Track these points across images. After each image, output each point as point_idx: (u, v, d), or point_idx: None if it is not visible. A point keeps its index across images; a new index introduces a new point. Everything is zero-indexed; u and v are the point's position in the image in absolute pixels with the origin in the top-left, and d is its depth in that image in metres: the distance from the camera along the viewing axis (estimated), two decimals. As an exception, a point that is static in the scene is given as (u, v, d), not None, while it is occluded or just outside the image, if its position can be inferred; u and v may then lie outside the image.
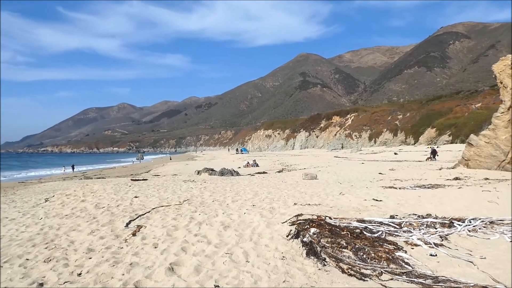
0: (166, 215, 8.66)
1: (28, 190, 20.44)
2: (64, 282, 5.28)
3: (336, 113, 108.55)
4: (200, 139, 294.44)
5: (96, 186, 13.98)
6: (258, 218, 7.88)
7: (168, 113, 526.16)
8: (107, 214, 9.31)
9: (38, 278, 5.50)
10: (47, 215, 10.04)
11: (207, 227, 7.46)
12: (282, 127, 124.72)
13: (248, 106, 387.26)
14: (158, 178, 21.78)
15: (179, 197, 11.28)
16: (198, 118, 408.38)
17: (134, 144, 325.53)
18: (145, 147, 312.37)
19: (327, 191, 12.00)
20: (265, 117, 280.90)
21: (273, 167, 33.27)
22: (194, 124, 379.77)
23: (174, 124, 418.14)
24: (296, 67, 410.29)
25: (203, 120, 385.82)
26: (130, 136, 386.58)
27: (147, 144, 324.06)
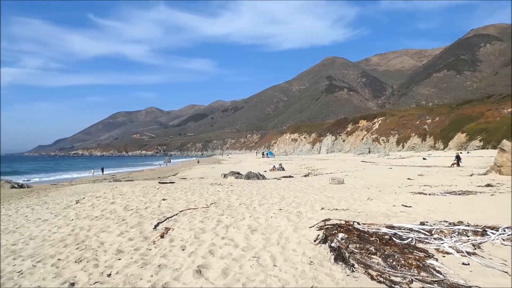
0: (193, 218, 8.72)
1: (60, 192, 20.98)
2: (94, 282, 5.38)
3: (363, 117, 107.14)
4: (226, 143, 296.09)
5: (125, 188, 14.22)
6: (285, 222, 7.84)
7: (194, 117, 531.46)
8: (136, 216, 9.45)
9: (70, 278, 5.62)
10: (78, 217, 10.28)
11: (234, 230, 7.46)
12: (308, 131, 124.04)
13: (274, 110, 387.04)
14: (185, 181, 22.00)
15: (206, 200, 11.35)
16: (224, 122, 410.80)
17: (162, 148, 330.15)
18: (172, 151, 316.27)
19: (355, 196, 11.84)
20: (291, 121, 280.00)
21: (299, 171, 33.09)
22: (220, 128, 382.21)
23: (201, 128, 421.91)
24: (322, 71, 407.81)
25: (229, 124, 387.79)
26: (158, 139, 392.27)
27: (174, 147, 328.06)
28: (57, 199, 16.36)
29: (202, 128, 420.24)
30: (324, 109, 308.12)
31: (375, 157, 62.33)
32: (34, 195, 20.99)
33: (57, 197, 17.75)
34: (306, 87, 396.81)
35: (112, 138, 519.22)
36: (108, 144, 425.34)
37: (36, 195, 20.87)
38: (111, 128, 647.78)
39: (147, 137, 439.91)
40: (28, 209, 13.67)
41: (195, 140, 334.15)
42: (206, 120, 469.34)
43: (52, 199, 16.77)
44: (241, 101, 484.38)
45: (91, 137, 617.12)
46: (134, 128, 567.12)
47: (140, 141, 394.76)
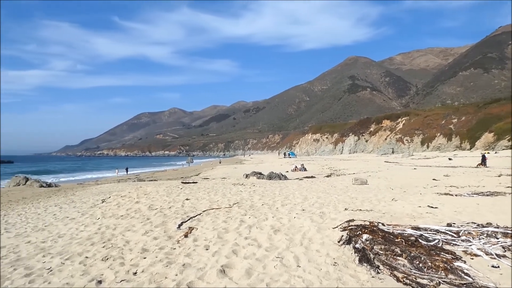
0: (216, 218, 8.77)
1: (86, 192, 21.41)
2: (120, 280, 5.47)
3: (387, 117, 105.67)
4: (248, 143, 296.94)
5: (149, 188, 14.41)
6: (309, 222, 7.80)
7: (217, 118, 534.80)
8: (160, 215, 9.56)
9: (97, 275, 5.72)
10: (104, 215, 10.47)
11: (257, 230, 7.47)
12: (331, 131, 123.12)
13: (296, 110, 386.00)
14: (207, 181, 22.14)
15: (229, 200, 11.40)
16: (246, 122, 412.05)
17: (184, 148, 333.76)
18: (195, 151, 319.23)
19: (379, 197, 11.68)
20: (313, 121, 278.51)
21: (322, 172, 32.87)
22: (242, 128, 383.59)
23: (223, 128, 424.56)
24: (345, 71, 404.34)
25: (251, 124, 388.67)
26: (181, 140, 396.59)
27: (196, 147, 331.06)
28: (84, 198, 16.71)
29: (224, 128, 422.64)
30: (346, 109, 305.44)
31: (399, 158, 61.40)
32: (62, 194, 21.49)
33: (84, 196, 18.13)
34: (328, 87, 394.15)
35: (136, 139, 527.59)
36: (132, 144, 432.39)
37: (63, 194, 21.36)
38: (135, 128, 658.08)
39: (170, 137, 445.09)
40: (56, 207, 14.01)
41: (217, 141, 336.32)
42: (228, 120, 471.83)
43: (79, 198, 17.13)
44: (263, 102, 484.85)
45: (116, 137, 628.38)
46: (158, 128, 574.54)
47: (163, 142, 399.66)
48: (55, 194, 21.98)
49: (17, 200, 19.38)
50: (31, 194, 22.48)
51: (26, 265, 6.59)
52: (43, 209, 14.11)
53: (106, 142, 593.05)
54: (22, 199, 19.77)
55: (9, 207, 16.36)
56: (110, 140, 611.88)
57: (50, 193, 23.02)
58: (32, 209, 14.41)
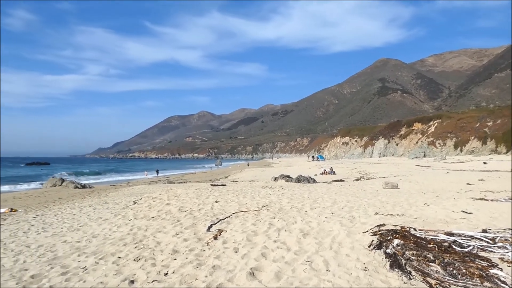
0: (245, 220, 8.81)
1: (119, 193, 21.92)
2: (152, 280, 5.57)
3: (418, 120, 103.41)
4: (276, 146, 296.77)
5: (179, 190, 14.61)
6: (338, 226, 7.72)
7: (245, 121, 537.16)
8: (190, 217, 9.68)
9: (129, 275, 5.85)
10: (135, 217, 10.70)
11: (286, 233, 7.46)
12: (360, 134, 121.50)
13: (325, 113, 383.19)
14: (236, 184, 22.25)
15: (257, 203, 11.42)
16: (274, 125, 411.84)
17: (213, 151, 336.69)
18: (223, 154, 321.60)
19: (410, 201, 11.45)
20: (342, 124, 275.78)
21: (351, 175, 32.48)
22: (270, 131, 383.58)
23: (251, 131, 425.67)
24: (375, 73, 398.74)
25: (279, 127, 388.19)
26: (209, 142, 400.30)
27: (225, 150, 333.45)
28: (116, 199, 17.11)
29: (253, 131, 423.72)
30: (376, 112, 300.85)
31: (430, 161, 59.96)
32: (96, 195, 22.07)
33: (116, 197, 18.56)
34: (358, 89, 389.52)
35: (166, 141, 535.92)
36: (162, 147, 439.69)
37: (97, 195, 21.93)
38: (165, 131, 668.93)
39: (199, 140, 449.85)
40: (91, 208, 14.41)
41: (245, 144, 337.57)
42: (256, 123, 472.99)
43: (111, 199, 17.56)
44: (291, 105, 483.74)
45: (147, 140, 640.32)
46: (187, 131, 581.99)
47: (192, 144, 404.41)
48: (89, 195, 22.60)
49: (54, 201, 20.05)
50: (67, 195, 23.20)
51: (63, 264, 6.81)
52: (78, 209, 14.54)
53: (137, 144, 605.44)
54: (58, 200, 20.44)
55: (47, 207, 16.94)
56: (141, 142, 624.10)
57: (84, 194, 23.69)
58: (68, 210, 14.87)
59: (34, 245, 8.63)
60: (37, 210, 15.65)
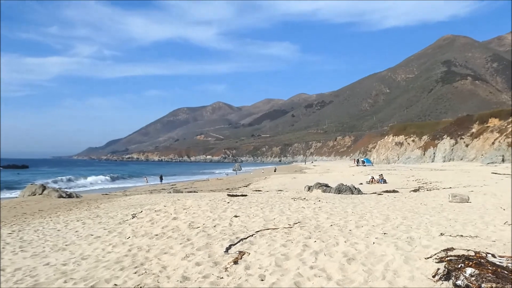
0: (273, 241, 8.78)
1: (113, 204, 22.23)
2: (156, 315, 5.60)
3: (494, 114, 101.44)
4: (311, 147, 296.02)
5: (189, 201, 14.70)
6: (392, 250, 7.62)
7: (271, 114, 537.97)
8: (203, 235, 9.72)
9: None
10: (135, 234, 10.81)
11: (325, 258, 7.40)
12: (418, 132, 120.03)
13: (372, 105, 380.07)
14: (260, 194, 22.29)
15: (288, 218, 11.39)
16: (308, 121, 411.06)
17: (231, 152, 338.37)
18: (243, 156, 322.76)
19: (486, 219, 11.22)
20: (395, 119, 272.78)
21: (406, 185, 32.10)
22: (303, 128, 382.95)
23: (279, 128, 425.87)
24: (438, 54, 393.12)
25: (314, 123, 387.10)
26: (226, 142, 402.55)
27: (245, 152, 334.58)
28: (111, 212, 17.35)
29: (281, 128, 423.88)
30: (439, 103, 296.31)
31: (511, 168, 58.71)
32: (84, 206, 22.45)
33: (110, 209, 18.82)
34: (415, 75, 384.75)
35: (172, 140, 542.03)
36: (167, 147, 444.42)
37: (86, 206, 22.31)
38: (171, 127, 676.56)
39: (213, 138, 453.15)
40: (79, 223, 14.65)
41: (271, 143, 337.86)
42: (285, 118, 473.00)
43: (104, 212, 17.82)
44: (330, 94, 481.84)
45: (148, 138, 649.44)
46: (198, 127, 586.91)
47: (205, 144, 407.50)
48: (76, 206, 23.01)
49: (33, 213, 20.46)
50: (49, 206, 23.66)
51: (45, 292, 6.93)
52: (63, 224, 14.80)
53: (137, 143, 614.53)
54: (39, 212, 20.85)
55: (24, 221, 17.30)
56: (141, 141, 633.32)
57: (70, 205, 24.11)
58: (51, 224, 15.15)
59: (10, 268, 8.80)
60: (12, 225, 15.98)
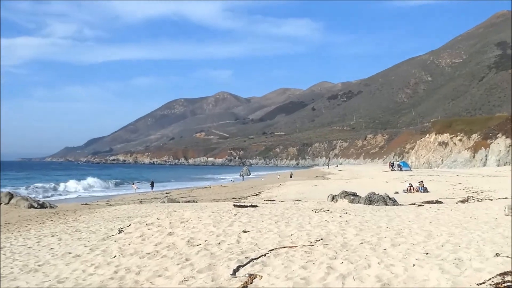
0: (290, 262, 8.77)
1: (95, 216, 22.38)
2: None
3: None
4: (335, 147, 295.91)
5: (187, 213, 14.73)
6: (437, 274, 7.59)
7: (286, 107, 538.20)
8: (205, 254, 9.74)
9: None
10: (122, 253, 10.84)
11: (354, 283, 7.38)
12: (467, 130, 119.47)
13: (411, 96, 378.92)
14: (273, 205, 22.25)
15: (308, 234, 11.38)
16: (332, 115, 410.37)
17: (237, 153, 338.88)
18: (253, 158, 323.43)
19: (553, 237, 11.15)
20: (438, 114, 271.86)
21: (452, 194, 32.00)
22: (325, 124, 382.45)
23: (296, 124, 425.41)
24: (491, 34, 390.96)
25: (340, 118, 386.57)
26: (232, 141, 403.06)
27: (255, 153, 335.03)
28: (92, 225, 17.45)
29: (298, 124, 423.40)
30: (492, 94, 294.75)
31: None
32: (60, 218, 22.63)
33: (92, 222, 18.94)
34: (463, 60, 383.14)
35: (166, 138, 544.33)
36: (160, 147, 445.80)
37: (62, 218, 22.48)
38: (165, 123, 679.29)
39: (216, 136, 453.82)
40: (54, 238, 14.73)
41: (287, 143, 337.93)
42: (304, 111, 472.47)
43: (84, 225, 17.92)
44: (358, 83, 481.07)
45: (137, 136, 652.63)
46: (198, 123, 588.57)
47: (206, 143, 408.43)
48: (50, 218, 23.18)
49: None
50: (17, 218, 23.85)
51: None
52: (35, 240, 14.88)
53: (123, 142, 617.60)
54: (5, 225, 21.02)
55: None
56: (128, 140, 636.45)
57: (43, 216, 24.30)
58: (20, 240, 15.24)
59: (-29, 293, 8.87)
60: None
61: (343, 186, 41.51)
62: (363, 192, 25.98)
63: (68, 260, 10.90)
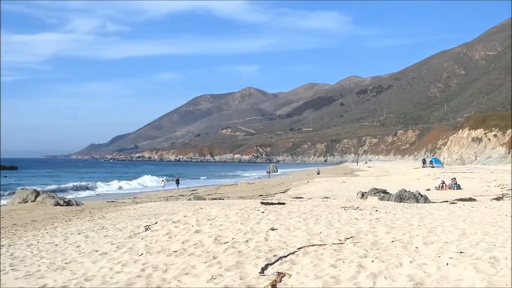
0: (320, 260, 8.75)
1: (121, 213, 22.55)
2: None
3: None
4: (364, 143, 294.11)
5: (214, 210, 14.78)
6: (471, 273, 7.50)
7: (314, 103, 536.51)
8: (233, 252, 9.76)
9: None
10: (149, 250, 10.93)
11: (386, 282, 7.33)
12: (502, 125, 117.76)
13: (443, 90, 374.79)
14: (301, 202, 22.23)
15: (337, 232, 11.33)
16: (361, 110, 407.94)
17: (264, 150, 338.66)
18: (280, 154, 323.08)
19: None
20: (472, 109, 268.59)
21: (487, 191, 31.59)
22: (354, 120, 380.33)
23: (324, 120, 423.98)
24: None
25: (369, 114, 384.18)
26: (258, 137, 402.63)
27: (282, 149, 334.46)
28: (118, 223, 17.60)
29: (327, 119, 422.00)
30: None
31: None
32: (87, 216, 22.86)
33: (118, 219, 19.10)
34: (498, 52, 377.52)
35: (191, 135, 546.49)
36: (185, 143, 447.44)
37: (89, 216, 22.70)
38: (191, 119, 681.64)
39: (243, 133, 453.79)
40: (80, 236, 14.90)
41: (314, 139, 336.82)
42: (332, 107, 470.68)
43: (111, 222, 18.08)
44: (388, 77, 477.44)
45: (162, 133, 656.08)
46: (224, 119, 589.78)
47: (232, 140, 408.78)
48: (76, 215, 23.43)
49: (25, 224, 20.91)
50: (44, 216, 24.16)
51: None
52: (62, 237, 15.07)
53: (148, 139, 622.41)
54: (32, 223, 21.30)
55: (15, 233, 17.69)
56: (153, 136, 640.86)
57: (69, 214, 24.58)
58: (47, 238, 15.44)
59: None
60: (1, 238, 16.35)
61: (373, 183, 41.28)
62: (393, 189, 25.82)
63: (95, 257, 11.02)
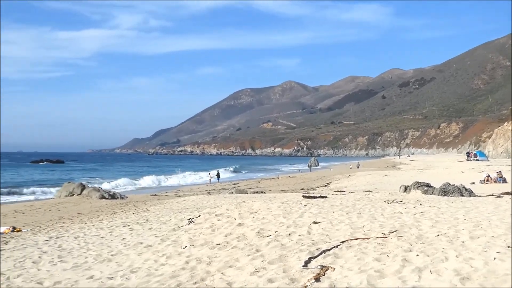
0: (363, 254, 8.69)
1: (164, 207, 22.81)
2: None
3: None
4: (406, 136, 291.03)
5: (257, 204, 14.81)
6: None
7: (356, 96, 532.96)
8: (275, 246, 9.76)
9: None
10: (192, 243, 11.02)
11: (431, 276, 7.24)
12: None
13: (488, 82, 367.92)
14: (343, 196, 22.13)
15: (381, 226, 11.24)
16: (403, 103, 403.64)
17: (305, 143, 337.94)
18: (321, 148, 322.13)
19: None
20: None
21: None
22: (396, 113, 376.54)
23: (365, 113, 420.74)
24: None
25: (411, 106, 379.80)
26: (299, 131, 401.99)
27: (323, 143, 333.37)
28: (162, 216, 17.81)
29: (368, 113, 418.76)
30: None
31: None
32: (131, 209, 23.20)
33: (161, 212, 19.33)
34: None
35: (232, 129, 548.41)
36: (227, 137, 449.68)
37: (133, 209, 23.04)
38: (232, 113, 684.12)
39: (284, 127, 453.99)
40: (125, 228, 15.14)
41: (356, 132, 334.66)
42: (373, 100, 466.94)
43: (155, 215, 18.31)
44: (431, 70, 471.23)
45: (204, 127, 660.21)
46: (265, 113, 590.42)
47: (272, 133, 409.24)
48: (121, 209, 23.81)
49: (72, 217, 21.36)
50: (90, 209, 24.63)
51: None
52: (108, 230, 15.33)
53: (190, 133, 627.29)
54: (78, 215, 21.75)
55: (62, 226, 18.09)
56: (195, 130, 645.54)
57: (114, 207, 24.99)
58: (93, 230, 15.74)
59: (49, 281, 9.20)
60: (49, 230, 16.74)
61: (416, 176, 40.82)
62: (436, 183, 25.49)
63: (140, 250, 11.18)
